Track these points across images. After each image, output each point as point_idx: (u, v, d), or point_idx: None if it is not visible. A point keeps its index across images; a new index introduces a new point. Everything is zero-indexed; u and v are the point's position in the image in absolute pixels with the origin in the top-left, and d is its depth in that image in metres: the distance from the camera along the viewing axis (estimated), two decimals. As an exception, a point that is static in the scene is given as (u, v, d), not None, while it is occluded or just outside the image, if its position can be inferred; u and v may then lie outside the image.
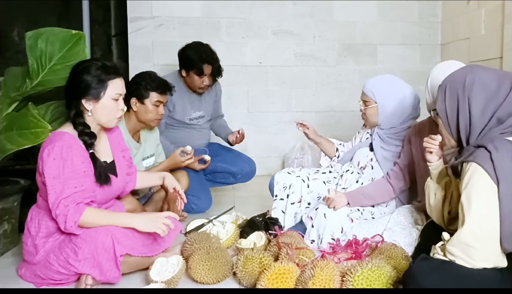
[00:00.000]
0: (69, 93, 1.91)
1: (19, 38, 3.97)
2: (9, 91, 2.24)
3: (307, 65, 4.24)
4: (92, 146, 1.88)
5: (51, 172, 1.76)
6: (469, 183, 1.42)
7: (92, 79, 1.85)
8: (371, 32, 4.31)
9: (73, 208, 1.74)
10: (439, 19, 4.38)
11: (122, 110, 1.94)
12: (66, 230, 1.76)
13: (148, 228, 1.81)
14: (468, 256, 1.39)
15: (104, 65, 1.89)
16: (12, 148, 2.00)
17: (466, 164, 1.47)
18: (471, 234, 1.39)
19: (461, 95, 1.54)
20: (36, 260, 1.84)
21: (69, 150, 1.79)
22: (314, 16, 4.22)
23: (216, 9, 4.07)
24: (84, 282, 1.78)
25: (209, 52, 3.04)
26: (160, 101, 2.55)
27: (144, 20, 4.00)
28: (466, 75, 1.55)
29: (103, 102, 1.87)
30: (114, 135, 2.08)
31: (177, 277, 1.78)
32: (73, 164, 1.79)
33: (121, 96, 1.92)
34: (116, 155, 2.04)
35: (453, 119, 1.57)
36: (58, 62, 2.23)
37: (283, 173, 2.46)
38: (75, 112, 1.88)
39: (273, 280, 1.64)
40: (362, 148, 2.47)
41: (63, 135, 1.83)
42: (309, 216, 2.24)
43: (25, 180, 2.44)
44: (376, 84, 2.34)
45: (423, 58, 4.40)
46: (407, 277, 1.46)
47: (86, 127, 1.88)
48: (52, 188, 1.76)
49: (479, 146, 1.46)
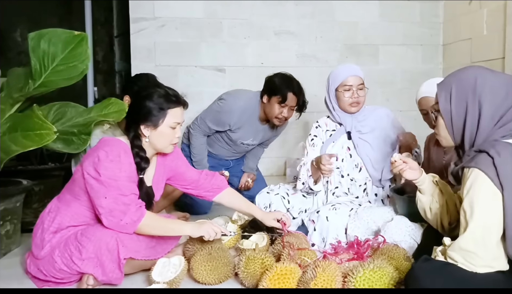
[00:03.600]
0: (130, 117, 1.96)
1: (21, 39, 3.98)
2: (11, 91, 2.24)
3: (309, 65, 4.24)
4: (143, 170, 1.93)
5: (107, 173, 1.78)
6: (471, 189, 1.41)
7: (153, 107, 1.88)
8: (373, 32, 4.31)
9: (134, 208, 1.78)
10: (441, 19, 4.37)
11: (178, 137, 1.98)
12: (118, 226, 1.77)
13: (200, 233, 1.88)
14: (469, 262, 1.38)
15: (166, 93, 1.92)
16: (16, 149, 2.00)
17: (467, 170, 1.45)
18: (473, 240, 1.38)
19: (471, 98, 1.50)
20: (41, 255, 1.84)
21: (126, 155, 1.85)
22: (315, 17, 4.22)
23: (218, 10, 4.08)
24: (86, 283, 1.78)
25: (298, 86, 2.89)
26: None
27: (146, 21, 4.00)
28: (476, 77, 1.51)
29: (161, 130, 1.90)
30: (165, 161, 2.10)
31: (179, 278, 1.79)
32: (130, 170, 1.84)
33: (179, 125, 1.95)
34: (156, 182, 2.06)
35: (459, 121, 1.53)
36: (60, 63, 2.24)
37: (263, 194, 2.47)
38: (133, 134, 1.91)
39: (275, 281, 1.64)
40: (334, 142, 2.41)
41: (121, 143, 1.89)
42: (311, 219, 2.24)
43: (28, 180, 2.45)
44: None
45: (425, 59, 4.39)
46: (409, 278, 1.46)
47: (142, 151, 1.92)
48: (108, 187, 1.77)
49: (481, 151, 1.44)
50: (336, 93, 2.37)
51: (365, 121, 2.40)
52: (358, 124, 2.39)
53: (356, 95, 2.32)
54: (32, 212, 2.66)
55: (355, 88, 2.32)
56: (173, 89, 1.98)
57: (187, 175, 2.16)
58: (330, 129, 2.46)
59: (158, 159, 2.07)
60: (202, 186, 2.18)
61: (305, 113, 4.18)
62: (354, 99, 2.33)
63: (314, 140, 2.48)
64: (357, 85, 2.32)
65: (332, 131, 2.45)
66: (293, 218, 2.37)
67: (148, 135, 1.90)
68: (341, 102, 2.36)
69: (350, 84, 2.32)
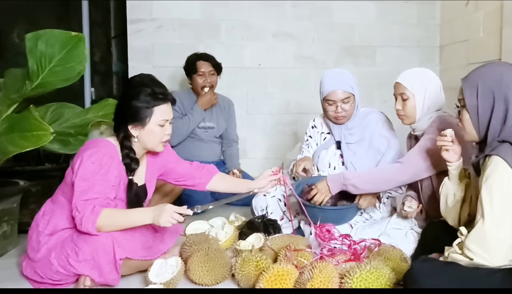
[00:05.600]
0: (117, 118, 1.94)
1: (19, 40, 3.97)
2: (9, 92, 2.24)
3: (306, 67, 4.25)
4: (133, 171, 1.92)
5: (84, 174, 1.78)
6: (491, 176, 1.42)
7: (139, 106, 1.87)
8: (370, 34, 4.32)
9: (89, 211, 1.75)
10: (438, 21, 4.39)
11: (168, 134, 1.95)
12: (81, 229, 1.76)
13: (160, 224, 1.79)
14: (487, 252, 1.38)
15: (152, 91, 1.89)
16: (13, 150, 2.00)
17: (488, 158, 1.46)
18: (491, 228, 1.38)
19: (497, 94, 1.52)
20: (37, 257, 1.84)
21: (109, 160, 1.83)
22: (313, 19, 4.23)
23: (216, 11, 4.08)
24: (83, 283, 1.78)
25: (204, 53, 3.21)
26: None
27: (144, 22, 4.00)
28: (502, 74, 1.54)
29: (149, 128, 1.89)
30: (156, 159, 2.08)
31: (176, 279, 1.79)
32: (107, 174, 1.81)
33: (167, 122, 1.93)
34: (149, 180, 2.06)
35: (485, 117, 1.55)
36: (57, 64, 2.24)
37: (260, 197, 2.47)
38: (123, 135, 1.90)
39: (271, 282, 1.64)
40: (327, 150, 2.43)
41: (109, 145, 1.87)
42: (307, 223, 2.24)
43: (25, 181, 2.44)
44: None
45: (422, 60, 4.40)
46: (408, 278, 1.47)
47: (132, 152, 1.91)
48: (78, 189, 1.77)
49: (504, 141, 1.46)
50: (323, 103, 2.36)
51: (354, 129, 2.37)
52: (347, 133, 2.37)
53: (340, 110, 2.28)
54: (29, 212, 2.64)
55: (339, 103, 2.27)
56: (161, 87, 1.94)
57: (179, 170, 2.17)
58: (325, 132, 2.47)
59: (149, 157, 2.06)
60: (195, 176, 2.20)
61: (303, 114, 4.22)
62: (337, 113, 2.29)
63: (308, 140, 2.49)
64: (340, 100, 2.27)
65: (327, 134, 2.45)
66: (289, 220, 2.38)
67: (136, 135, 1.89)
68: (327, 114, 2.36)
69: (333, 99, 2.28)
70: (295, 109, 4.27)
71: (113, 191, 1.84)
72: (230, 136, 3.42)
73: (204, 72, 3.16)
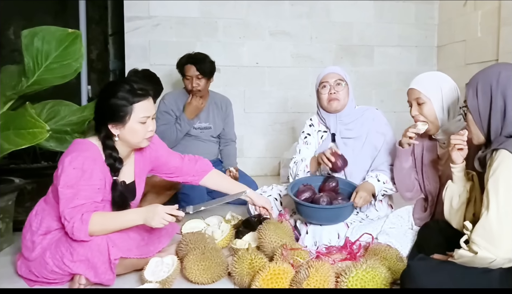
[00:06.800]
0: (97, 117, 1.88)
1: (15, 37, 3.96)
2: (4, 89, 2.22)
3: (304, 66, 4.25)
4: (117, 171, 1.87)
5: (68, 180, 1.74)
6: (498, 169, 1.42)
7: (118, 103, 1.80)
8: (368, 33, 4.32)
9: (78, 220, 1.71)
10: (436, 21, 4.40)
11: (151, 131, 1.89)
12: (73, 238, 1.74)
13: (152, 225, 1.77)
14: (491, 243, 1.38)
15: (131, 88, 1.82)
16: (9, 148, 1.99)
17: (495, 152, 1.47)
18: (497, 220, 1.38)
19: (495, 91, 1.54)
20: (32, 257, 1.83)
21: (92, 163, 1.77)
22: (311, 17, 4.23)
23: (213, 9, 4.07)
24: (78, 282, 1.78)
25: (194, 54, 3.13)
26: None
27: (141, 19, 3.99)
28: (499, 71, 1.56)
29: (130, 126, 1.83)
30: (144, 154, 2.04)
31: (171, 277, 1.78)
32: (91, 179, 1.76)
33: (149, 118, 1.87)
34: (138, 176, 2.03)
35: (485, 115, 1.57)
36: (54, 61, 2.22)
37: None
38: (104, 135, 1.84)
39: (268, 281, 1.64)
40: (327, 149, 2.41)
41: (91, 147, 1.82)
42: (304, 222, 2.24)
43: (20, 179, 2.43)
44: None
45: (420, 60, 4.41)
46: (405, 277, 1.47)
47: (115, 151, 1.85)
48: (64, 196, 1.73)
49: (511, 136, 1.47)
50: (317, 94, 2.40)
51: (351, 124, 2.38)
52: (343, 128, 2.38)
53: (333, 91, 2.32)
54: (24, 210, 2.63)
55: (333, 83, 2.33)
56: (139, 82, 1.89)
57: (170, 164, 2.13)
58: (322, 130, 2.47)
59: (137, 152, 2.02)
60: (187, 171, 2.16)
61: (300, 114, 4.22)
62: (331, 95, 2.32)
63: (307, 138, 2.48)
64: (333, 81, 2.33)
65: (324, 133, 2.45)
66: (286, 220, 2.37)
67: (118, 134, 1.84)
68: (321, 101, 2.38)
69: (326, 80, 2.34)
70: (293, 108, 4.27)
71: (99, 194, 1.80)
72: (228, 135, 3.41)
73: (191, 76, 3.09)
